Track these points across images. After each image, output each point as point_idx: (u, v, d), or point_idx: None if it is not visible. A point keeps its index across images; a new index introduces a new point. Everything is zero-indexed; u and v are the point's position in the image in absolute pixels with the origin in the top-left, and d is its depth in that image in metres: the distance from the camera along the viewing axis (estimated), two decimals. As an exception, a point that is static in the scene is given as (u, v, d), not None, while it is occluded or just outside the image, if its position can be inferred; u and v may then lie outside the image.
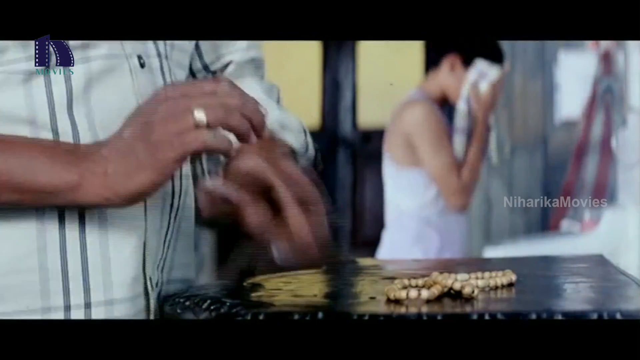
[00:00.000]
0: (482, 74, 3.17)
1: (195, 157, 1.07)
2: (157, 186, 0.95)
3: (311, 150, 1.18)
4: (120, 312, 1.02)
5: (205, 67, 1.22)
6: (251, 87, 1.19)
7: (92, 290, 1.01)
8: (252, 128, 0.96)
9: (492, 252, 3.97)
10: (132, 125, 0.96)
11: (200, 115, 0.94)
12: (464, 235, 3.33)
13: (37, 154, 0.96)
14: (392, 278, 1.03)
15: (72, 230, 1.00)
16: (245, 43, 1.23)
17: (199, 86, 0.98)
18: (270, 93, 1.23)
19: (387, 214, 3.34)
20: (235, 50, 1.23)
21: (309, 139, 1.19)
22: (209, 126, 0.94)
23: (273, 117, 1.12)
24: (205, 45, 1.22)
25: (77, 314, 1.00)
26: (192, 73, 1.22)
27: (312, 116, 6.09)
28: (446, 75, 3.23)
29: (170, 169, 0.95)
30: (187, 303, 0.96)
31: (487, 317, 0.83)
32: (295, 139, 1.16)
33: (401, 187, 3.27)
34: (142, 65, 1.06)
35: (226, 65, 1.23)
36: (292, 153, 1.14)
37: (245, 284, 1.08)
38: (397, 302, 0.91)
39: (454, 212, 3.21)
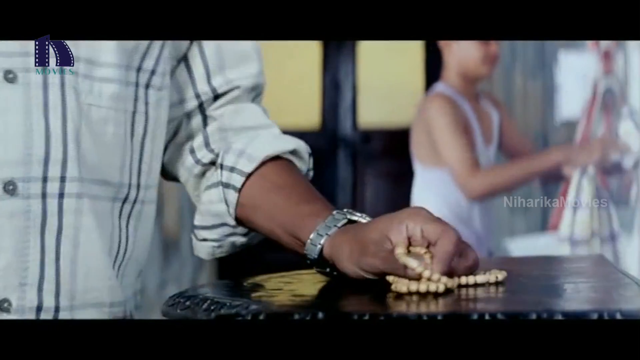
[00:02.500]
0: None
1: None
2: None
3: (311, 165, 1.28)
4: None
5: (213, 90, 1.24)
6: (256, 113, 1.26)
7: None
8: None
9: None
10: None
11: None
12: (489, 232, 3.29)
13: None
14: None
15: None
16: (255, 70, 1.27)
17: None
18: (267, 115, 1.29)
19: None
20: (245, 77, 1.26)
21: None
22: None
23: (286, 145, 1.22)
24: (214, 68, 1.24)
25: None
26: (196, 94, 1.24)
27: (312, 116, 6.09)
28: (454, 53, 3.19)
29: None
30: (187, 303, 0.96)
31: (487, 317, 0.83)
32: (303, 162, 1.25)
33: (426, 186, 3.22)
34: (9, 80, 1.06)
35: (231, 89, 1.25)
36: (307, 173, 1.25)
37: (245, 284, 1.08)
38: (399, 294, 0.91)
39: (468, 198, 3.13)
